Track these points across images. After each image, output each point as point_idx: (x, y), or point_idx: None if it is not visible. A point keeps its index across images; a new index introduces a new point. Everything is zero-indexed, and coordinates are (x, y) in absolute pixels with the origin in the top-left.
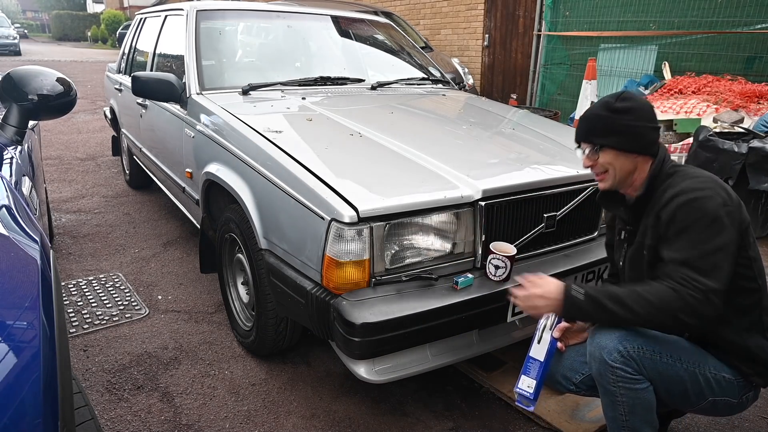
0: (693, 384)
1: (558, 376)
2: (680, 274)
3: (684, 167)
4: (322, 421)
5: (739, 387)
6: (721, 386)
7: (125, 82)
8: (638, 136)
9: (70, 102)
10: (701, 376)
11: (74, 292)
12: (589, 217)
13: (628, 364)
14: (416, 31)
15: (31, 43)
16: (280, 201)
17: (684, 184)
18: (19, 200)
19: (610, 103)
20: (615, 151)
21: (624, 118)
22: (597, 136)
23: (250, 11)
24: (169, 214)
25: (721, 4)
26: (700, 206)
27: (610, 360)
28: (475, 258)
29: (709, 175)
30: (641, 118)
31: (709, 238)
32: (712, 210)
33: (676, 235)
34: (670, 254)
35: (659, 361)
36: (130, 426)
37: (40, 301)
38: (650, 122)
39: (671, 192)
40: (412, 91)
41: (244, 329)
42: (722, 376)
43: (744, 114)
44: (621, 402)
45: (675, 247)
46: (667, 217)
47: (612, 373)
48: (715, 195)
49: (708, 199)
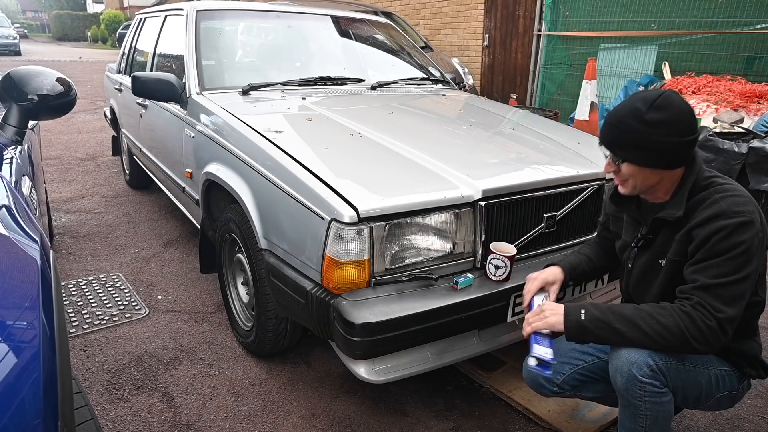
0: (707, 385)
1: (540, 379)
2: (699, 299)
3: (719, 179)
4: (322, 421)
5: (738, 378)
6: (725, 381)
7: (125, 82)
8: (667, 154)
9: (70, 102)
10: (712, 376)
11: (74, 292)
12: (589, 217)
13: (657, 378)
14: (416, 31)
15: (31, 43)
16: (280, 201)
17: (724, 205)
18: (19, 200)
19: (641, 112)
20: (638, 166)
21: (654, 133)
22: (621, 148)
23: (250, 11)
24: (169, 214)
25: (721, 5)
26: (739, 233)
27: (640, 375)
28: (475, 258)
29: (747, 195)
30: (674, 133)
31: (739, 267)
32: (749, 239)
33: (707, 258)
34: (695, 276)
35: (682, 369)
36: (130, 426)
37: (40, 301)
38: (685, 136)
39: (710, 212)
40: (412, 91)
41: (244, 329)
42: (724, 370)
43: (744, 114)
44: (644, 415)
45: (702, 269)
46: (703, 237)
47: (641, 389)
48: (755, 220)
49: (748, 225)
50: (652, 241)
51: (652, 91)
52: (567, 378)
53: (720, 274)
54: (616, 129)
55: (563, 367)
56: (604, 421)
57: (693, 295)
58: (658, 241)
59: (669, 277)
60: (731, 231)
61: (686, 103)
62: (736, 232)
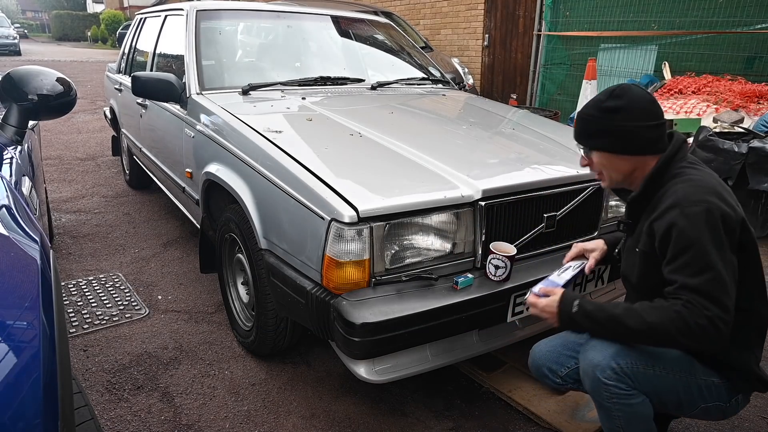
0: (685, 393)
1: (544, 369)
2: (687, 298)
3: (689, 169)
4: (322, 421)
5: (727, 390)
6: (711, 392)
7: (125, 82)
8: (630, 137)
9: (70, 102)
10: (693, 385)
11: (74, 292)
12: (589, 217)
13: (622, 381)
14: (416, 31)
15: (31, 43)
16: (280, 201)
17: (681, 194)
18: (19, 200)
19: (600, 101)
20: (606, 153)
21: (614, 118)
22: (586, 137)
23: (250, 11)
24: (169, 214)
25: (721, 5)
26: (695, 224)
27: (604, 378)
28: (475, 258)
29: (708, 182)
30: (634, 118)
31: (708, 258)
32: (707, 227)
33: (677, 256)
34: (674, 276)
35: (652, 374)
36: (130, 426)
37: (40, 301)
38: (646, 120)
39: (667, 203)
40: (412, 91)
41: (244, 329)
42: (711, 381)
43: (744, 114)
44: (617, 416)
45: (677, 269)
46: (662, 233)
47: (606, 391)
48: (711, 208)
49: (702, 214)
50: (633, 227)
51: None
52: (571, 372)
53: (694, 272)
54: (581, 121)
55: (568, 360)
56: None
57: (680, 295)
58: (637, 228)
59: (643, 267)
60: (687, 223)
61: (646, 92)
62: (692, 224)
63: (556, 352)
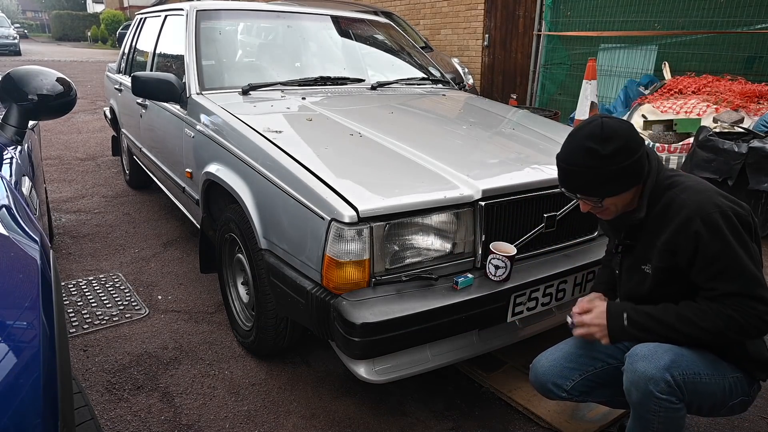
0: (721, 395)
1: (549, 384)
2: (733, 302)
3: (678, 177)
4: (322, 421)
5: (748, 382)
6: (737, 388)
7: (125, 82)
8: (636, 172)
9: (70, 102)
10: (726, 385)
11: (74, 292)
12: (589, 217)
13: (673, 394)
14: (416, 31)
15: (31, 43)
16: (280, 201)
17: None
18: (19, 200)
19: (596, 151)
20: (619, 195)
21: (617, 161)
22: (596, 188)
23: (250, 11)
24: (169, 214)
25: (721, 5)
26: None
27: (657, 391)
28: (475, 258)
29: (708, 188)
30: (632, 151)
31: (740, 259)
32: (728, 229)
33: (710, 264)
34: (713, 284)
35: (699, 382)
36: (130, 426)
37: (40, 301)
38: (639, 148)
39: (682, 214)
40: (412, 91)
41: (244, 329)
42: (736, 377)
43: (744, 114)
44: (656, 428)
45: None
46: (687, 245)
47: (656, 404)
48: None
49: (719, 219)
50: (633, 247)
51: (589, 125)
52: (576, 384)
53: (731, 277)
54: (581, 175)
55: (573, 373)
56: (604, 421)
57: (724, 300)
58: (638, 246)
59: (658, 282)
60: (711, 233)
61: (624, 121)
62: (715, 232)
63: (558, 366)
